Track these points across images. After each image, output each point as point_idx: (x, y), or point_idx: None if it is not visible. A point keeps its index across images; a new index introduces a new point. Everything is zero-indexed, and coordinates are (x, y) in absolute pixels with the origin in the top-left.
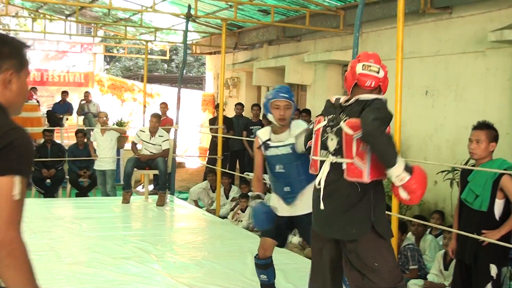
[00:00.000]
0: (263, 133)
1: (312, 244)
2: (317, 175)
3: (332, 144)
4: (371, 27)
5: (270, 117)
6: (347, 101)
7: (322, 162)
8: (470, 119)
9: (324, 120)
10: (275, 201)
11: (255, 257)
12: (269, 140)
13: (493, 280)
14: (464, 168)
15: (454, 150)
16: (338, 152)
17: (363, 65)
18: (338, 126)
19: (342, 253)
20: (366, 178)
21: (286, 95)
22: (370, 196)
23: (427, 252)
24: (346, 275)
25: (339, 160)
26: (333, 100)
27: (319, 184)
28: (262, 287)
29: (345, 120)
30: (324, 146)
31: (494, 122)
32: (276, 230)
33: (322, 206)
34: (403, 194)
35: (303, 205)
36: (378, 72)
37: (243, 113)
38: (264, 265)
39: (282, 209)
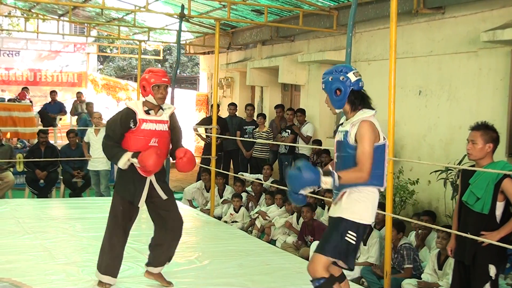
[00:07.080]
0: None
1: None
2: None
3: None
4: (364, 27)
5: None
6: None
7: None
8: (463, 119)
9: None
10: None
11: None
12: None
13: (492, 280)
14: (465, 170)
15: (447, 150)
16: None
17: None
18: None
19: None
20: None
21: None
22: None
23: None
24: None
25: None
26: None
27: None
28: None
29: None
30: None
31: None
32: None
33: None
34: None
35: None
36: None
37: (236, 113)
38: None
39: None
